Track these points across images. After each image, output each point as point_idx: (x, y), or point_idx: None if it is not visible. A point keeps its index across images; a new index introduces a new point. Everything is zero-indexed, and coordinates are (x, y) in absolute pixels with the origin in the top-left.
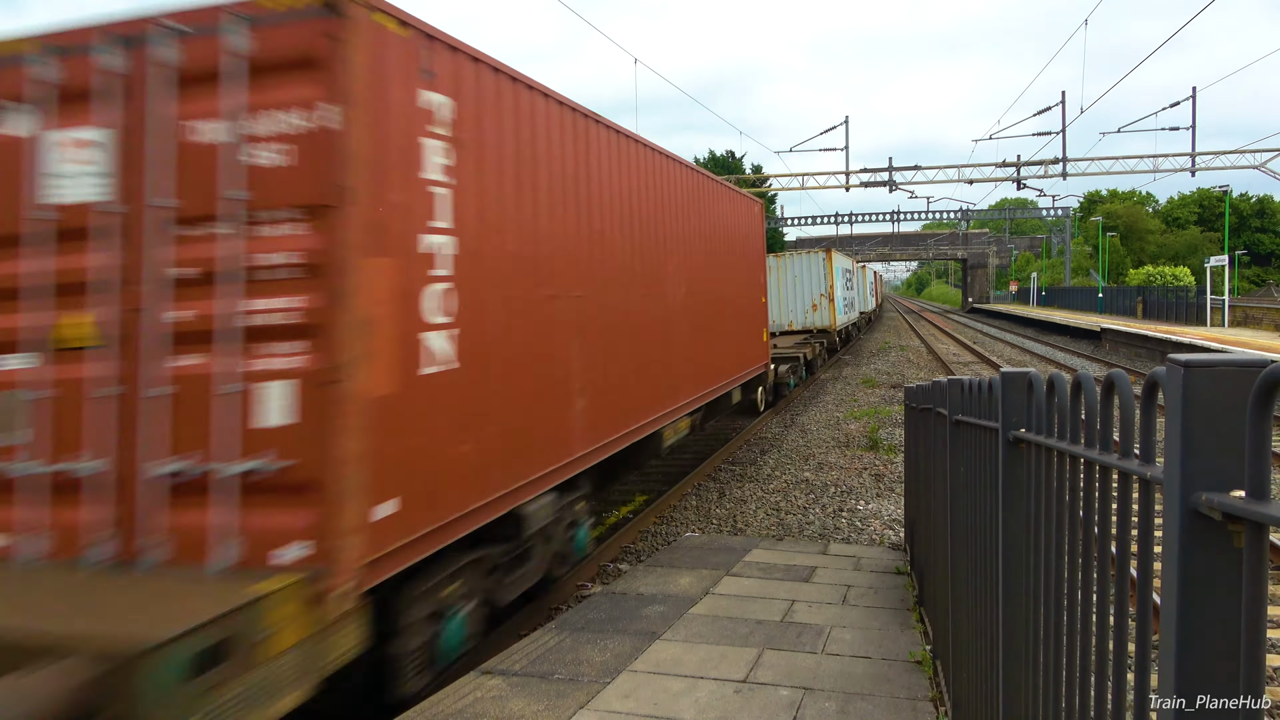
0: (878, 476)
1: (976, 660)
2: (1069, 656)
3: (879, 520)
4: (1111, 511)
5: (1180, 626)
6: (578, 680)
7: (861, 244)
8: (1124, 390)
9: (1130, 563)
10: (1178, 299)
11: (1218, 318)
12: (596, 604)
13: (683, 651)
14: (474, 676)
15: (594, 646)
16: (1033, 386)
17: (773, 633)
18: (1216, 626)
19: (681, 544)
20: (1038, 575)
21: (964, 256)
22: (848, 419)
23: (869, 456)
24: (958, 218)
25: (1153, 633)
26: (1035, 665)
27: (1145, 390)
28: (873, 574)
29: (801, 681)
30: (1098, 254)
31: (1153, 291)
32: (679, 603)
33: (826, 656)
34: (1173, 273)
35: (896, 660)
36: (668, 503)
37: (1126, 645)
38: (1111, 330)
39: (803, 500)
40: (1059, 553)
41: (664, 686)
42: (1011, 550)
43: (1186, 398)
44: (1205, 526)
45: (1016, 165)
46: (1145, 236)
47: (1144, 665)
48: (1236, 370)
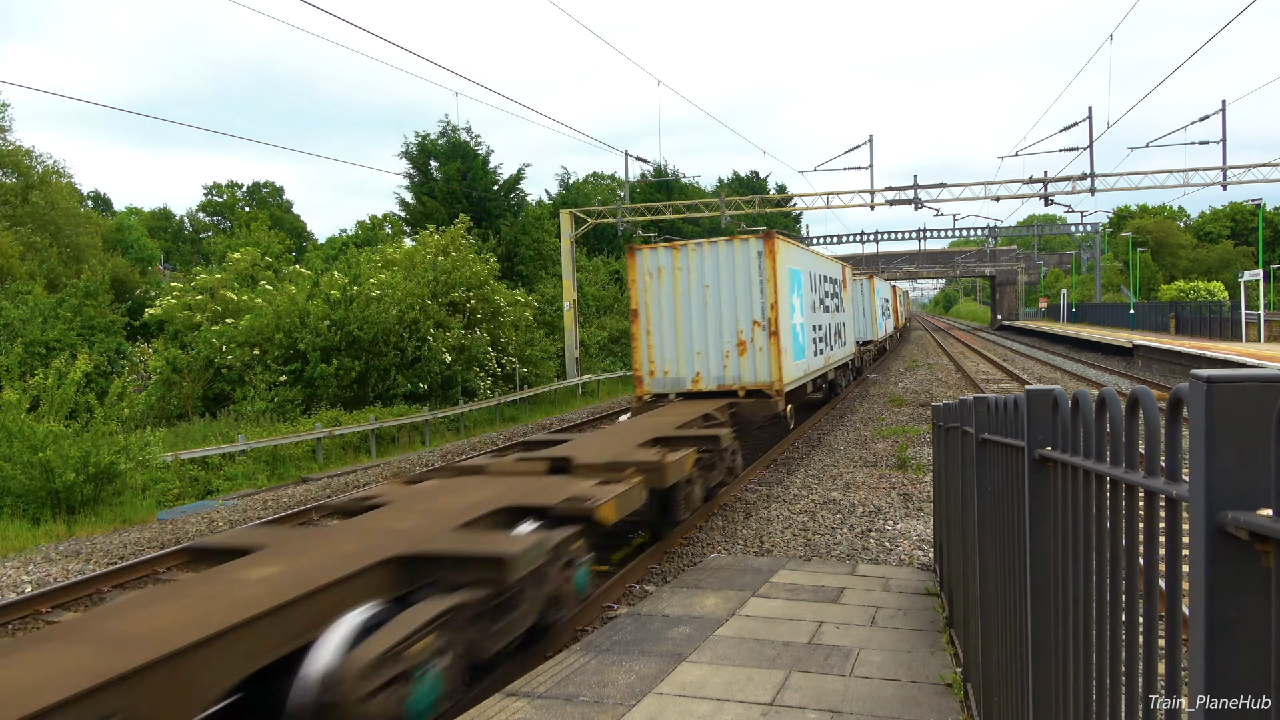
0: (906, 496)
1: (1008, 683)
2: (1099, 678)
3: (908, 540)
4: (1139, 531)
5: (1209, 648)
6: (603, 703)
7: (888, 262)
8: (1149, 407)
9: (1158, 583)
10: (1211, 314)
11: (1253, 333)
12: (622, 625)
13: (709, 674)
14: (499, 699)
15: (619, 668)
16: (1058, 404)
17: (800, 655)
18: (1245, 648)
19: (707, 565)
20: (1065, 595)
21: (992, 274)
22: (875, 438)
23: (897, 476)
24: (985, 235)
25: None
26: (1065, 687)
27: (1170, 407)
28: (902, 595)
29: (830, 704)
30: (1128, 269)
31: (1185, 307)
32: (705, 624)
33: (855, 679)
34: (1206, 288)
35: (926, 683)
36: (693, 523)
37: (1156, 666)
38: (1144, 346)
39: (830, 520)
40: (1086, 572)
41: (690, 709)
42: (1039, 570)
43: (1210, 414)
44: (1232, 546)
45: (1044, 181)
46: (1176, 251)
47: (1174, 687)
48: (1262, 386)
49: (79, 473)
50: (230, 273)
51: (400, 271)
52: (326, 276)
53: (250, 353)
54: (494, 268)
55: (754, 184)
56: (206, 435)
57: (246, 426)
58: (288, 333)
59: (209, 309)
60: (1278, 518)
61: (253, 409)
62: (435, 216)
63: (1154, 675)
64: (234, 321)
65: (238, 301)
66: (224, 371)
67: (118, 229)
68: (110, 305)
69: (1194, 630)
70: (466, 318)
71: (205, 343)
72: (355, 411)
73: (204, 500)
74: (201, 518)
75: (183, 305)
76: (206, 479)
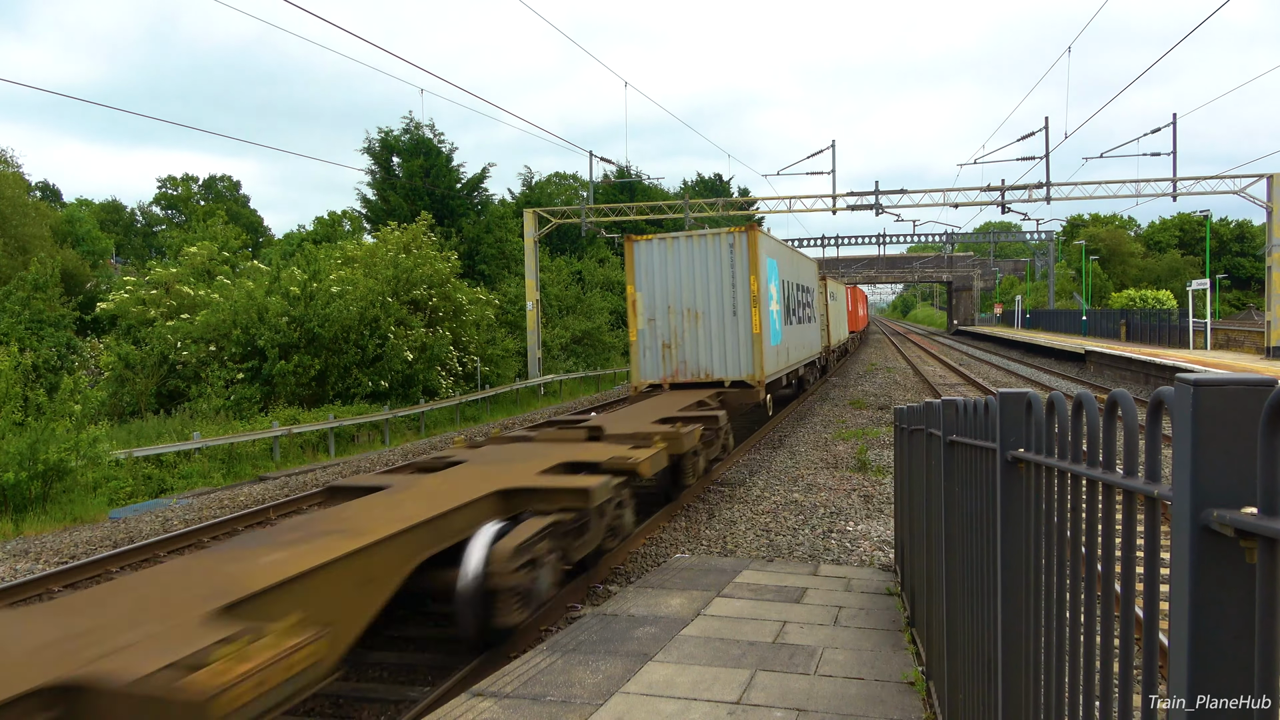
0: (867, 497)
1: (973, 681)
2: (1072, 674)
3: (869, 541)
4: (1115, 530)
5: (1192, 644)
6: (570, 702)
7: (848, 266)
8: (1129, 410)
9: (1134, 581)
10: (1160, 322)
11: (1200, 340)
12: (587, 625)
13: (675, 673)
14: (466, 699)
15: (586, 668)
16: (1032, 407)
17: (765, 654)
18: (1230, 643)
19: (672, 565)
20: (1038, 594)
21: (949, 279)
22: (836, 440)
23: (858, 478)
24: (943, 241)
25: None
26: (1036, 685)
27: (1151, 409)
28: (863, 595)
29: (795, 703)
30: (1081, 277)
31: (1136, 314)
32: (670, 624)
33: (819, 678)
34: (1155, 296)
35: (889, 681)
36: (657, 524)
37: (1132, 663)
38: (1096, 352)
39: (792, 521)
40: (1061, 571)
41: (657, 709)
42: (1010, 569)
43: (1197, 416)
44: (1217, 543)
45: (1001, 189)
46: (1127, 260)
47: (1150, 682)
48: (1246, 389)
49: (23, 469)
50: (186, 267)
51: (361, 268)
52: (286, 272)
53: (206, 349)
54: (456, 266)
55: (718, 187)
56: (161, 433)
57: (202, 424)
58: (245, 329)
59: (163, 304)
60: (1263, 515)
61: (209, 406)
62: (397, 213)
63: (1130, 671)
64: (189, 317)
65: (194, 297)
66: (179, 368)
67: (67, 221)
68: (60, 299)
69: (1175, 626)
70: (428, 316)
71: (160, 338)
72: (314, 410)
73: (157, 499)
74: (155, 516)
75: (136, 300)
76: (160, 477)
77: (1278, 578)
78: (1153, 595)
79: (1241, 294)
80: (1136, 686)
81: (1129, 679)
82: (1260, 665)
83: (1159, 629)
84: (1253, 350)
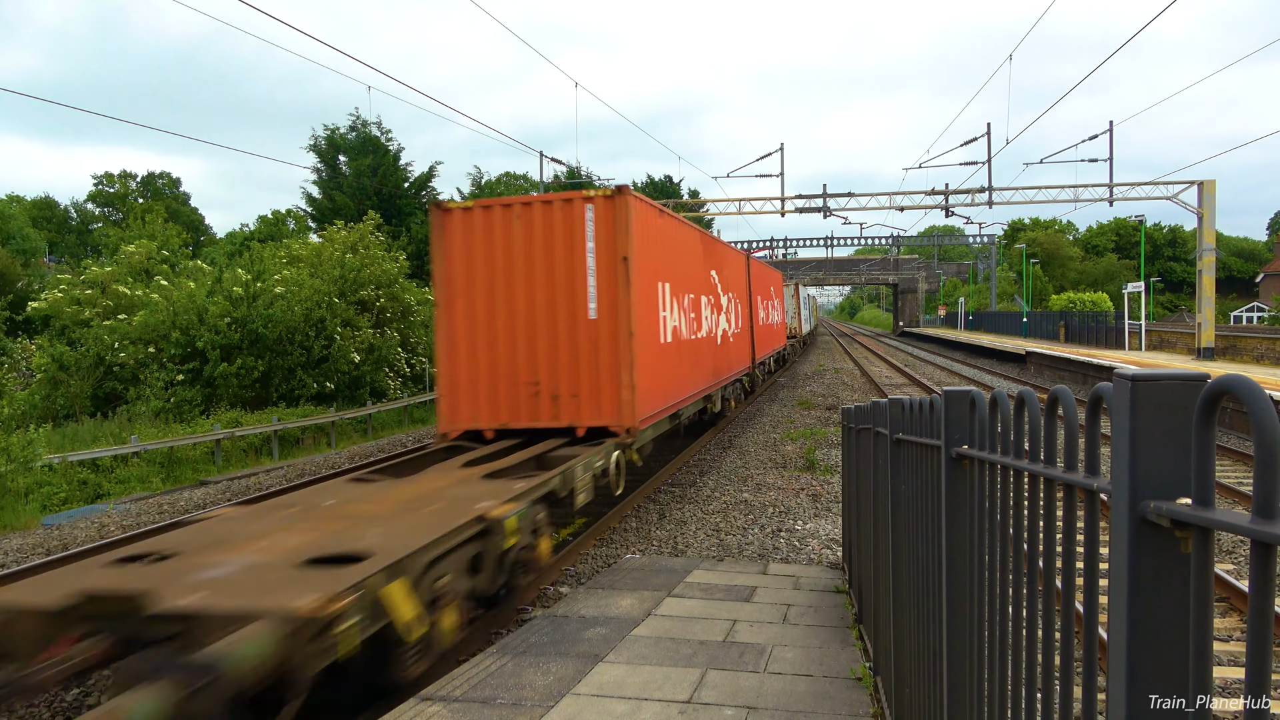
0: (814, 497)
1: (920, 676)
2: (1014, 667)
3: (816, 540)
4: (1057, 523)
5: (1130, 630)
6: (521, 705)
7: (796, 268)
8: (1069, 406)
9: (1075, 573)
10: (1098, 324)
11: (1135, 342)
12: (538, 627)
13: (626, 673)
14: (414, 703)
15: (536, 670)
16: (975, 404)
17: (716, 653)
18: (1165, 628)
19: (622, 566)
20: (981, 587)
21: (895, 281)
22: (784, 440)
23: (806, 477)
24: (889, 244)
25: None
26: (980, 677)
27: (1090, 405)
28: (812, 593)
29: (746, 701)
30: (1021, 280)
31: (1074, 316)
32: (621, 624)
33: (769, 675)
34: (1092, 298)
35: (838, 678)
36: (607, 524)
37: (1072, 653)
38: (1036, 353)
39: (742, 521)
40: (1003, 565)
41: (608, 709)
42: (955, 564)
43: (1134, 410)
44: (1153, 534)
45: (945, 193)
46: (1066, 263)
47: (1090, 671)
48: (1179, 384)
49: None
50: (123, 266)
51: (307, 268)
52: (229, 273)
53: (145, 350)
54: (404, 266)
55: (667, 188)
56: (97, 436)
57: (140, 427)
58: (185, 330)
59: (100, 304)
60: (1197, 506)
61: (147, 409)
62: (344, 212)
63: (1070, 661)
64: (127, 318)
65: (131, 296)
66: (116, 370)
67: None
68: None
69: (1114, 615)
70: (375, 317)
71: (96, 339)
72: (258, 412)
73: (93, 504)
74: (91, 522)
75: (71, 299)
76: (96, 482)
77: (1211, 566)
78: (1092, 586)
79: (1174, 296)
80: (1077, 679)
81: (1070, 668)
82: (1195, 650)
83: (1098, 620)
84: (1184, 351)
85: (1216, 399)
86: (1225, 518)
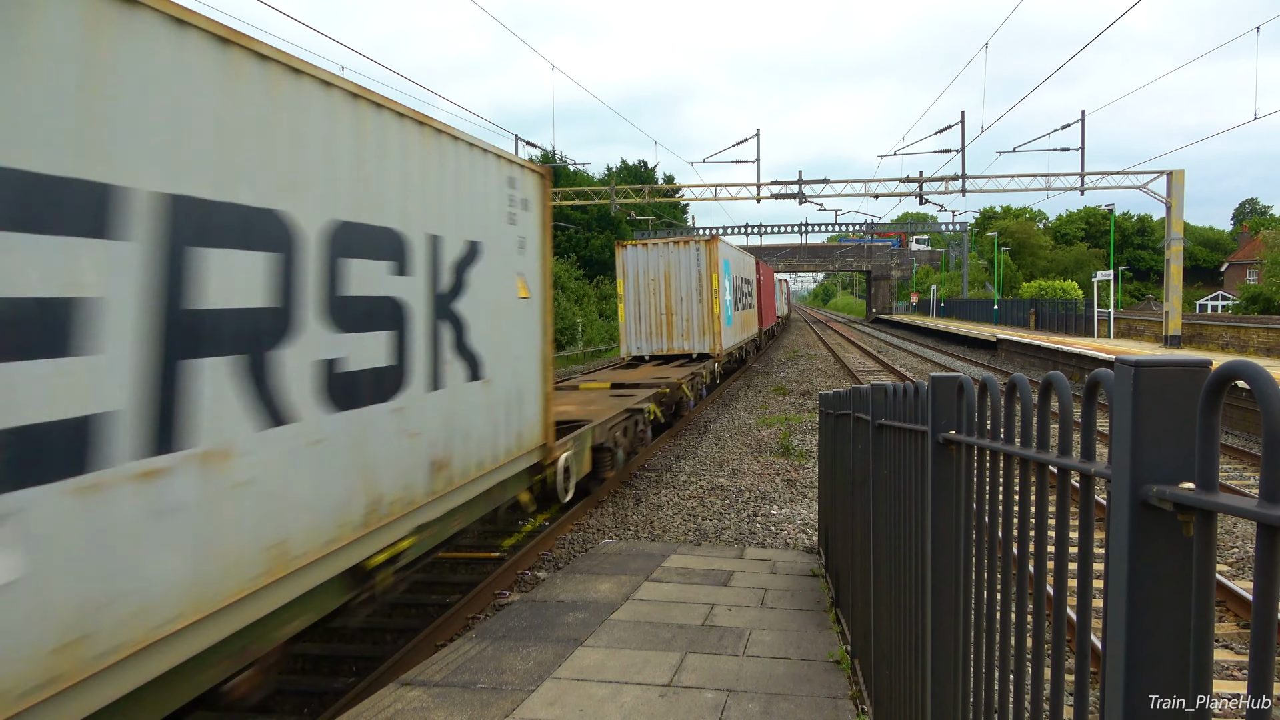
0: (790, 482)
1: (900, 658)
2: (1003, 648)
3: (792, 525)
4: (1048, 507)
5: (1130, 615)
6: (501, 689)
7: (771, 255)
8: (1064, 391)
9: (1067, 557)
10: (1067, 311)
11: (1104, 329)
12: (516, 612)
13: (606, 657)
14: (394, 688)
15: (516, 655)
16: (964, 390)
17: (695, 636)
18: (1166, 613)
19: (600, 551)
20: (968, 572)
21: (868, 268)
22: (759, 426)
23: (781, 462)
24: (862, 230)
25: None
26: (965, 660)
27: (1087, 390)
28: (789, 577)
29: (725, 684)
30: (993, 268)
31: (1044, 304)
32: (600, 609)
33: (748, 658)
34: (1061, 286)
35: (815, 660)
36: (584, 509)
37: (1064, 634)
38: (1007, 340)
39: (718, 506)
40: (992, 549)
41: (589, 693)
42: (940, 549)
43: (1137, 395)
44: (1155, 518)
45: (919, 181)
46: (1036, 251)
47: (1083, 653)
48: (1183, 370)
49: None
50: None
51: None
52: None
53: None
54: None
55: (642, 174)
56: None
57: None
58: None
59: None
60: (1200, 490)
61: None
62: None
63: (1062, 641)
64: None
65: None
66: None
67: None
68: None
69: (1113, 597)
70: None
71: None
72: None
73: None
74: None
75: None
76: None
77: (1213, 547)
78: (1086, 568)
79: (1142, 285)
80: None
81: (1061, 649)
82: (1196, 632)
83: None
84: (1152, 339)
85: (1223, 384)
86: (1231, 501)
